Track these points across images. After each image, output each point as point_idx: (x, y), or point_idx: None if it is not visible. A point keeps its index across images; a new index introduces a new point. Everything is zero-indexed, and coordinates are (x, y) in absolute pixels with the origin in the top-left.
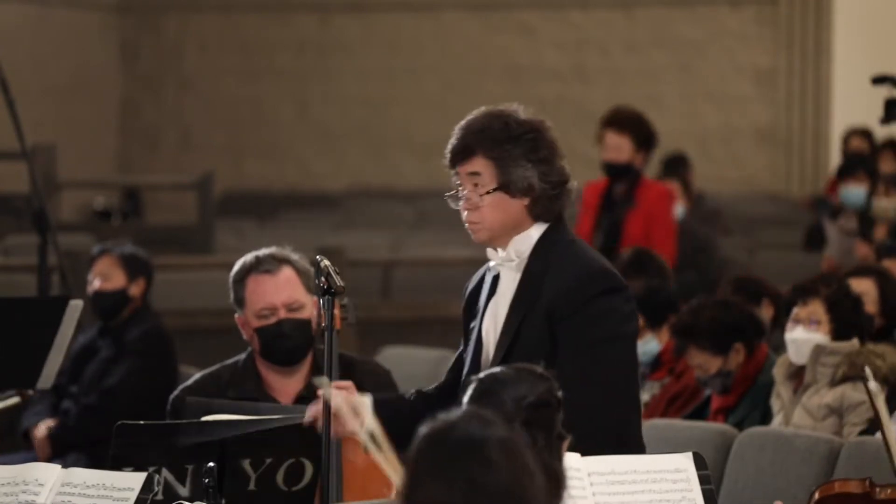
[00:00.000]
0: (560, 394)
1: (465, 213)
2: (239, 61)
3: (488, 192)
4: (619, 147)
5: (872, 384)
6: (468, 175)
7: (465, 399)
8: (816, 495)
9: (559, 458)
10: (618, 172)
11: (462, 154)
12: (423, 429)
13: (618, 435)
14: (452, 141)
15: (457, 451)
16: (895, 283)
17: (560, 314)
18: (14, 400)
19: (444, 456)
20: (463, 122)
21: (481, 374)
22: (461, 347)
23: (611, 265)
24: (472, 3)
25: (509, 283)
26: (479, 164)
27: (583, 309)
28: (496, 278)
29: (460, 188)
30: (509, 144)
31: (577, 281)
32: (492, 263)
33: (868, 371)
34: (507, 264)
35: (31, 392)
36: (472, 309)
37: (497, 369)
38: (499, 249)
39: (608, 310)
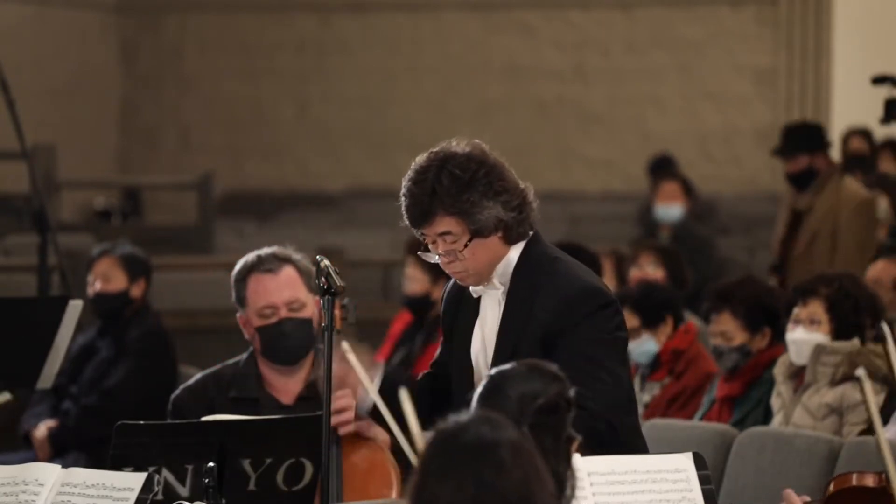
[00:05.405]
0: (572, 393)
1: (447, 267)
2: (239, 61)
3: (465, 245)
4: (410, 279)
5: (860, 371)
6: (438, 235)
7: (476, 395)
8: (832, 487)
9: (567, 462)
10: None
11: (423, 218)
12: (434, 430)
13: (613, 422)
14: (406, 204)
15: (468, 452)
16: None
17: (554, 336)
18: (5, 396)
19: (455, 456)
20: (409, 183)
21: (492, 371)
22: (441, 347)
23: (597, 279)
24: (472, 3)
25: (495, 307)
26: (445, 224)
27: (576, 327)
28: (478, 298)
29: (431, 244)
30: (466, 194)
31: (567, 302)
32: (473, 288)
33: (861, 370)
34: (490, 291)
35: (10, 396)
36: (452, 321)
37: (508, 366)
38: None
39: (599, 325)
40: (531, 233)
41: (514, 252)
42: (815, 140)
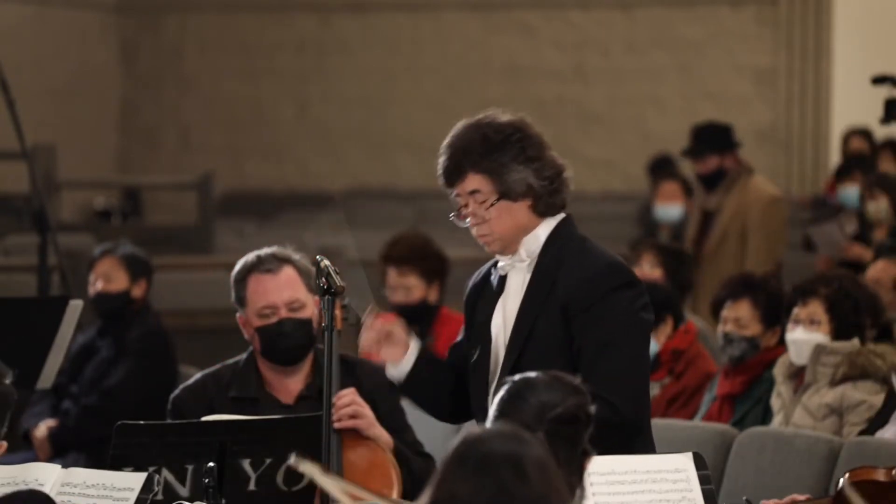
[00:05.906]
0: (593, 409)
1: (474, 229)
2: (239, 61)
3: (492, 205)
4: (407, 287)
5: None
6: (468, 194)
7: (497, 398)
8: (847, 477)
9: (579, 475)
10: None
11: (455, 175)
12: (463, 434)
13: (634, 410)
14: (442, 161)
15: (494, 459)
16: None
17: (576, 308)
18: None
19: (482, 461)
20: (447, 141)
21: (515, 377)
22: (461, 336)
23: (623, 260)
24: (472, 3)
25: (519, 282)
26: (475, 181)
27: (599, 302)
28: (503, 277)
29: (463, 206)
30: (496, 153)
31: (593, 275)
32: (501, 264)
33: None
34: (517, 265)
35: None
36: (475, 304)
37: (532, 374)
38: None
39: (624, 303)
40: (563, 214)
41: (544, 229)
42: (725, 140)
